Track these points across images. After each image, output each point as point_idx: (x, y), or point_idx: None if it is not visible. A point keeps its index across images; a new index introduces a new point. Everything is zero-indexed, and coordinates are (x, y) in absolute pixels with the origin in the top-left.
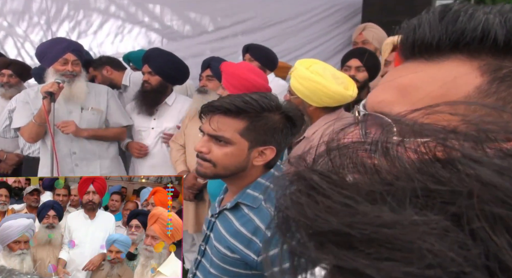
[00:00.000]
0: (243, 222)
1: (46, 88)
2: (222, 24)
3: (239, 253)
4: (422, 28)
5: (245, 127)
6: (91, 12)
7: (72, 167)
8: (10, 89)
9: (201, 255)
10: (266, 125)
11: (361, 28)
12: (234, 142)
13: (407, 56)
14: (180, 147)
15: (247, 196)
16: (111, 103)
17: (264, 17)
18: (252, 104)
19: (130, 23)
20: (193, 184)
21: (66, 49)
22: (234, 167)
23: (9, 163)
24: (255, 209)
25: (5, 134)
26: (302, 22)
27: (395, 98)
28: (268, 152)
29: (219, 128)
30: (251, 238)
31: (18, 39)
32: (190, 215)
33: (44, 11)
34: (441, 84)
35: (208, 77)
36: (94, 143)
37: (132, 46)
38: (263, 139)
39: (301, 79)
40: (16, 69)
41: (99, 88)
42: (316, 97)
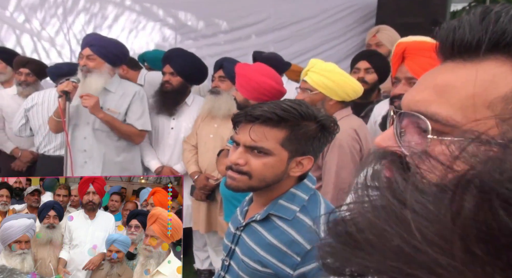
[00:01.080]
0: (276, 234)
1: (62, 88)
2: (236, 25)
3: (272, 267)
4: (462, 29)
5: (286, 137)
6: (106, 5)
7: (83, 164)
8: (27, 87)
9: (224, 270)
10: (305, 135)
11: (375, 30)
12: (274, 152)
13: (446, 56)
14: (192, 148)
15: (280, 207)
16: (134, 105)
17: (277, 19)
18: (292, 112)
19: (145, 18)
20: (204, 185)
21: (85, 44)
22: (271, 179)
23: (24, 160)
24: (289, 221)
25: (21, 133)
26: (316, 24)
27: (432, 97)
28: (305, 162)
29: (259, 139)
30: (286, 251)
31: (34, 31)
32: (202, 215)
33: (61, 3)
34: (479, 84)
35: (221, 78)
36: (103, 144)
37: (146, 42)
38: (302, 149)
39: (325, 72)
40: (33, 67)
41: (129, 89)
42: (340, 90)
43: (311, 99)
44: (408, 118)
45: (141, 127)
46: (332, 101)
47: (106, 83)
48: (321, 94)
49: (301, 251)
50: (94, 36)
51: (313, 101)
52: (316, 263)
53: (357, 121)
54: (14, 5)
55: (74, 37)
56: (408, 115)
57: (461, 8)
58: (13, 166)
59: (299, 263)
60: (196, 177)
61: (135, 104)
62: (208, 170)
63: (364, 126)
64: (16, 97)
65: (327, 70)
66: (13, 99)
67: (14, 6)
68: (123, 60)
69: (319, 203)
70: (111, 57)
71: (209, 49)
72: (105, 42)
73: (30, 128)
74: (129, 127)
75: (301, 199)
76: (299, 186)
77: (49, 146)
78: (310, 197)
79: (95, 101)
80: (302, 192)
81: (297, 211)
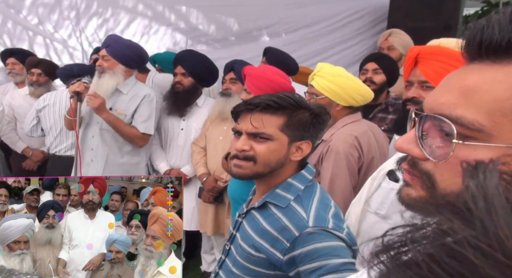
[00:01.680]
0: (270, 221)
1: (73, 88)
2: (246, 28)
3: (265, 252)
4: (491, 29)
5: (284, 123)
6: (119, 10)
7: (89, 162)
8: (39, 88)
9: (225, 254)
10: (301, 121)
11: (387, 34)
12: (275, 137)
13: (472, 57)
14: (201, 149)
15: (276, 196)
16: (141, 108)
17: (288, 22)
18: (288, 100)
19: (157, 23)
20: (213, 187)
21: (103, 45)
22: (275, 163)
23: (35, 160)
24: (283, 208)
25: (32, 133)
26: (326, 27)
27: (457, 100)
28: (304, 147)
29: (260, 125)
30: (278, 237)
31: (47, 32)
32: (210, 217)
33: (74, 6)
34: (508, 87)
35: (232, 80)
36: (107, 145)
37: (157, 47)
38: (301, 134)
39: (331, 77)
40: (45, 68)
41: (140, 92)
42: (346, 95)
43: (319, 103)
44: (431, 121)
45: (143, 131)
46: (339, 106)
47: (119, 84)
48: (327, 99)
49: (290, 237)
50: (112, 37)
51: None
52: (303, 248)
53: (363, 128)
54: (28, 8)
55: (86, 40)
56: (431, 118)
57: (474, 13)
58: (24, 165)
59: (288, 249)
60: (204, 179)
61: (142, 107)
62: (216, 172)
63: (370, 133)
64: (28, 98)
65: (333, 74)
66: (25, 100)
67: (28, 9)
68: (139, 63)
69: (314, 193)
70: (125, 59)
71: (220, 53)
72: (121, 44)
73: (42, 129)
74: (132, 130)
75: (297, 188)
76: (296, 176)
77: (60, 146)
78: (307, 187)
79: (100, 102)
80: (298, 182)
81: (291, 199)
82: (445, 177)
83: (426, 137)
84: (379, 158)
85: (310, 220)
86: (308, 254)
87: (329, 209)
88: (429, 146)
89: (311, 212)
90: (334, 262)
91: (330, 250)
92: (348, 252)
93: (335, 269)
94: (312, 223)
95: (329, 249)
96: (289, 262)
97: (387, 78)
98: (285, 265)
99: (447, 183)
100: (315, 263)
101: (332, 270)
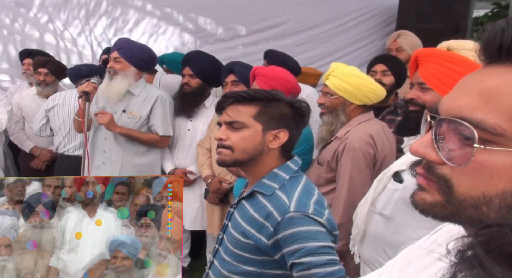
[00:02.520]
0: (257, 208)
1: (82, 88)
2: (255, 29)
3: (252, 238)
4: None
5: (258, 112)
6: (128, 9)
7: (100, 164)
8: (46, 87)
9: (218, 243)
10: (276, 111)
11: (395, 35)
12: (248, 125)
13: (491, 59)
14: (206, 151)
15: (263, 185)
16: (156, 110)
17: (297, 22)
18: (262, 92)
19: (165, 23)
20: (218, 188)
21: (115, 47)
22: (251, 150)
23: (43, 159)
24: (268, 196)
25: (41, 132)
26: (335, 28)
27: (477, 103)
28: (281, 135)
29: (234, 115)
30: (263, 223)
31: (57, 31)
32: (216, 218)
33: (83, 5)
34: None
35: (234, 82)
36: (123, 146)
37: (165, 46)
38: (276, 123)
39: (345, 77)
40: (52, 68)
41: (153, 94)
42: (360, 94)
43: (332, 103)
44: (447, 125)
45: (162, 133)
46: (353, 105)
47: (130, 86)
48: (341, 98)
49: (274, 222)
50: (124, 40)
51: (334, 105)
52: (285, 232)
53: (376, 127)
54: (38, 6)
55: (95, 39)
56: (450, 121)
57: (483, 14)
58: (32, 165)
59: (271, 233)
60: (209, 180)
61: (157, 109)
62: (221, 173)
63: (382, 132)
64: (35, 98)
65: (347, 74)
66: (33, 100)
67: (37, 7)
68: (149, 65)
69: (298, 183)
70: (137, 61)
71: (228, 53)
72: (133, 46)
73: (51, 128)
74: (149, 135)
75: (282, 178)
76: (281, 167)
77: (69, 146)
78: (292, 178)
79: (109, 118)
80: (283, 172)
81: (276, 188)
82: (463, 181)
83: (443, 141)
84: (389, 157)
85: (292, 205)
86: (289, 237)
87: (311, 196)
88: (446, 150)
89: (294, 198)
90: (312, 245)
91: (309, 234)
92: (327, 236)
93: (313, 251)
94: (293, 208)
95: (308, 233)
96: (273, 246)
97: (396, 79)
98: (270, 249)
99: (465, 188)
100: (295, 245)
101: (310, 252)
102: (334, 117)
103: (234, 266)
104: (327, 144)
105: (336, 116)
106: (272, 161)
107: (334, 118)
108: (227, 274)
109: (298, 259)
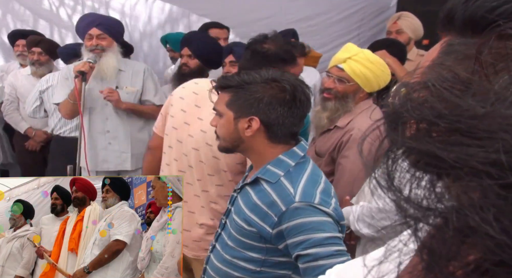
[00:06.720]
0: (261, 196)
1: (78, 68)
2: (245, 19)
3: (256, 226)
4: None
5: (229, 99)
6: None
7: (106, 145)
8: (40, 67)
9: (221, 228)
10: (251, 96)
11: (395, 17)
12: (222, 113)
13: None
14: None
15: (267, 172)
16: (147, 82)
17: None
18: (233, 77)
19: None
20: None
21: (91, 24)
22: (229, 138)
23: (37, 140)
24: (272, 184)
25: (35, 114)
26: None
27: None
28: (253, 124)
29: (216, 102)
30: (267, 212)
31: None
32: None
33: None
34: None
35: (232, 63)
36: (127, 123)
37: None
38: (247, 110)
39: (368, 63)
40: (45, 47)
41: (137, 67)
42: (376, 82)
43: (345, 89)
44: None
45: (159, 103)
46: (364, 92)
47: (118, 61)
48: (356, 86)
49: (278, 212)
50: (97, 15)
51: (346, 91)
52: (290, 223)
53: (380, 115)
54: None
55: None
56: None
57: None
58: (27, 145)
59: (275, 223)
60: None
61: (148, 81)
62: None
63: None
64: (30, 77)
65: (372, 61)
66: (27, 80)
67: None
68: (122, 37)
69: (305, 170)
70: (118, 35)
71: None
72: (110, 21)
73: (45, 110)
74: (149, 107)
75: (287, 164)
76: (288, 152)
77: (65, 127)
78: (298, 164)
79: (117, 95)
80: (289, 158)
81: (281, 175)
82: None
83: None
84: None
85: (297, 195)
86: (294, 228)
87: (318, 185)
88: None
89: (299, 187)
90: (319, 236)
91: (315, 225)
92: (335, 227)
93: (319, 243)
94: (298, 198)
95: (314, 223)
96: (277, 236)
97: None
98: (274, 238)
99: None
100: (300, 236)
101: (316, 243)
102: (342, 105)
103: (238, 251)
104: (324, 132)
105: (345, 104)
106: (262, 147)
107: (341, 106)
108: (231, 259)
109: (304, 251)
